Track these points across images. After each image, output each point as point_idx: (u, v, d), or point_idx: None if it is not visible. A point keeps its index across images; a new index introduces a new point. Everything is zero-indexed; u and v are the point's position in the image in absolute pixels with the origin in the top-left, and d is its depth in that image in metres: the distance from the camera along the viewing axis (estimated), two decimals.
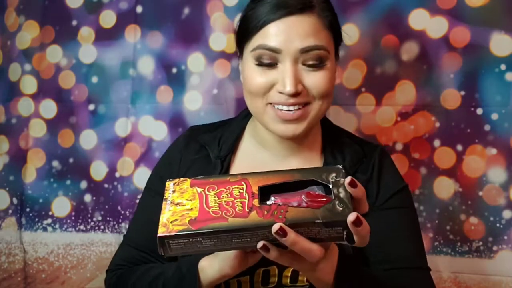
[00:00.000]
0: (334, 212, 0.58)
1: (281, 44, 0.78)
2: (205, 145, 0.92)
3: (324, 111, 0.85)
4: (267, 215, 0.59)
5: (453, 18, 1.17)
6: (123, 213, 1.32)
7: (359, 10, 1.22)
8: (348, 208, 0.58)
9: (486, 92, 1.16)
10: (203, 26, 1.29)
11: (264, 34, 0.80)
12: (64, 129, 1.35)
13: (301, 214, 0.58)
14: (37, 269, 1.35)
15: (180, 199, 0.63)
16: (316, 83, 0.80)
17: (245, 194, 0.62)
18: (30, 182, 1.36)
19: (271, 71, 0.80)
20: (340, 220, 0.58)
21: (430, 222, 1.19)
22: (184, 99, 1.30)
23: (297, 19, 0.79)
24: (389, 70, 1.21)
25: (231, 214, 0.59)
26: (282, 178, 0.64)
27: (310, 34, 0.79)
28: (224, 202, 0.61)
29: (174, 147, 0.98)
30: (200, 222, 0.59)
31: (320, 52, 0.79)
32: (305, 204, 0.60)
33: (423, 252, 0.87)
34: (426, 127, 1.20)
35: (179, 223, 0.59)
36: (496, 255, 1.16)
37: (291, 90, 0.78)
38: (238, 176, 0.65)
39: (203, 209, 0.61)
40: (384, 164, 0.89)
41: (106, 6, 1.33)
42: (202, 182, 0.65)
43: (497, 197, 1.16)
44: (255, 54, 0.81)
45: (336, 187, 0.61)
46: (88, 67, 1.34)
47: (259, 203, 0.60)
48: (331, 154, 0.88)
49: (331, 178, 0.62)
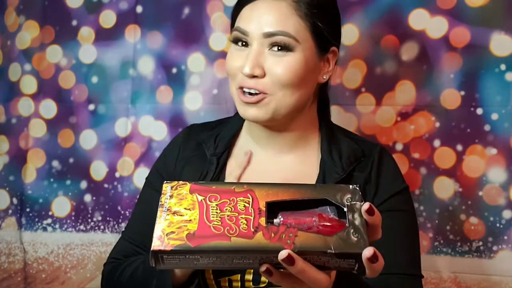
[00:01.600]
0: (348, 243, 0.53)
1: (250, 27, 0.81)
2: (202, 143, 0.92)
3: (292, 104, 0.82)
4: (274, 238, 0.53)
5: (453, 18, 1.17)
6: (123, 213, 1.32)
7: (359, 10, 1.22)
8: (363, 239, 0.54)
9: (486, 92, 1.16)
10: (203, 26, 1.29)
11: (240, 17, 0.83)
12: (64, 129, 1.35)
13: (312, 241, 0.54)
14: (37, 269, 1.35)
15: (178, 207, 0.57)
16: (277, 69, 0.80)
17: (250, 209, 0.56)
18: (30, 182, 1.36)
19: (242, 53, 0.82)
20: (354, 253, 0.53)
21: (430, 222, 1.19)
22: (184, 99, 1.30)
23: (268, 4, 0.81)
24: (389, 70, 1.21)
25: (234, 233, 0.54)
26: (292, 194, 0.58)
27: (277, 20, 0.80)
28: (227, 217, 0.55)
29: (172, 143, 0.99)
30: (199, 238, 0.54)
31: (284, 39, 0.79)
32: (316, 228, 0.56)
33: (418, 259, 0.86)
34: (426, 127, 1.20)
35: (176, 236, 0.54)
36: (496, 255, 1.16)
37: (247, 70, 0.79)
38: (243, 185, 0.59)
39: (203, 223, 0.55)
40: (384, 164, 0.88)
41: (106, 6, 1.33)
42: (203, 188, 0.59)
43: (497, 197, 1.16)
44: (233, 36, 0.84)
45: (351, 211, 0.56)
46: (88, 67, 1.35)
47: (266, 222, 0.55)
48: (328, 151, 0.87)
49: (346, 199, 0.57)
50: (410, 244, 0.86)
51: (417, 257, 0.86)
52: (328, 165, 0.86)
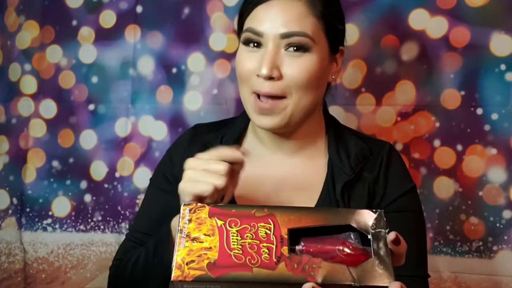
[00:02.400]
0: (373, 275, 0.52)
1: (264, 28, 0.78)
2: (207, 144, 0.92)
3: (305, 107, 0.82)
4: (297, 270, 0.53)
5: (453, 18, 1.17)
6: (123, 213, 1.32)
7: (359, 10, 1.22)
8: (388, 271, 0.53)
9: (486, 92, 1.16)
10: (203, 26, 1.29)
11: (252, 17, 0.81)
12: (64, 129, 1.35)
13: (335, 272, 0.53)
14: (37, 269, 1.35)
15: (197, 232, 0.56)
16: (294, 70, 0.78)
17: (272, 237, 0.55)
18: (30, 182, 1.36)
19: (256, 54, 0.80)
20: (379, 287, 0.53)
21: (430, 222, 1.19)
22: (184, 99, 1.30)
23: (283, 4, 0.79)
24: (389, 70, 1.21)
25: (256, 263, 0.53)
26: (315, 219, 0.57)
27: (293, 20, 0.78)
28: (248, 245, 0.54)
29: (177, 145, 0.98)
30: (220, 268, 0.53)
31: (301, 39, 0.78)
32: (340, 258, 0.55)
33: (425, 259, 0.86)
34: (426, 127, 1.20)
35: (196, 266, 0.53)
36: (496, 255, 1.16)
37: (265, 71, 0.77)
38: (264, 209, 0.57)
39: (224, 251, 0.54)
40: (392, 163, 0.87)
41: (106, 6, 1.33)
42: (222, 212, 0.57)
43: (497, 197, 1.16)
44: (244, 37, 0.82)
45: (376, 240, 0.55)
46: (88, 67, 1.34)
47: (288, 252, 0.54)
48: (335, 151, 0.87)
49: (371, 226, 0.56)
50: (418, 244, 0.85)
51: (425, 257, 0.86)
52: (336, 165, 0.85)
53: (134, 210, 1.31)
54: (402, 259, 0.57)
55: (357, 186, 0.84)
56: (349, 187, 0.84)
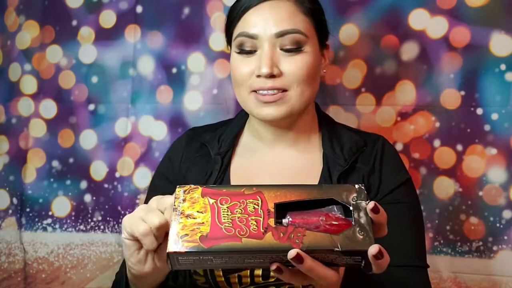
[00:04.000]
0: (354, 241, 0.56)
1: (258, 30, 0.81)
2: (205, 143, 0.93)
3: (306, 98, 0.85)
4: (283, 238, 0.56)
5: (453, 18, 1.17)
6: (123, 213, 1.32)
7: (359, 10, 1.22)
8: (369, 237, 0.56)
9: (486, 92, 1.16)
10: (203, 26, 1.29)
11: (244, 22, 0.83)
12: (64, 129, 1.35)
13: (319, 240, 0.56)
14: (37, 269, 1.35)
15: (191, 210, 0.59)
16: (293, 67, 0.81)
17: (260, 211, 0.58)
18: (30, 182, 1.36)
19: (251, 58, 0.83)
20: (360, 250, 0.55)
21: (430, 222, 1.19)
22: (184, 99, 1.30)
23: (272, 4, 0.82)
24: (389, 70, 1.21)
25: (245, 234, 0.56)
26: (299, 194, 0.60)
27: (285, 19, 0.81)
28: (238, 219, 0.58)
29: (176, 145, 1.00)
30: (212, 240, 0.56)
31: (296, 36, 0.81)
32: (324, 227, 0.58)
33: (424, 249, 0.87)
34: (426, 127, 1.20)
35: (190, 239, 0.57)
36: (496, 255, 1.16)
37: (266, 70, 0.80)
38: (253, 188, 0.61)
39: (215, 225, 0.58)
40: (386, 155, 0.89)
41: (106, 6, 1.33)
42: (214, 192, 0.61)
43: (497, 197, 1.16)
44: (237, 42, 0.84)
45: (356, 210, 0.58)
46: (88, 67, 1.34)
47: (275, 223, 0.57)
48: (329, 145, 0.89)
49: (352, 199, 0.59)
50: (416, 235, 0.86)
51: (423, 248, 0.87)
52: (330, 158, 0.87)
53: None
54: (384, 228, 0.60)
55: (351, 177, 0.86)
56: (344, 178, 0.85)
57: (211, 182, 0.88)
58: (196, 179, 0.90)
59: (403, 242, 0.82)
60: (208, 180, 0.89)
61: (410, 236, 0.85)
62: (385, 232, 0.60)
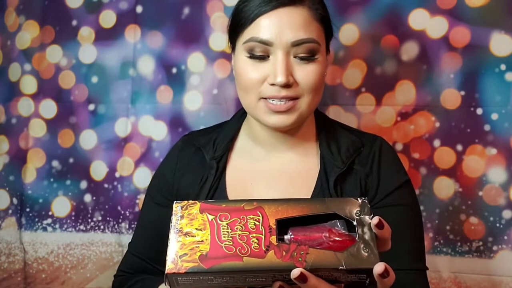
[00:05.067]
0: (359, 259, 0.54)
1: (273, 37, 0.79)
2: (200, 147, 0.92)
3: (314, 105, 0.85)
4: (285, 257, 0.54)
5: (453, 18, 1.17)
6: (123, 213, 1.32)
7: (359, 10, 1.22)
8: (373, 254, 0.55)
9: (486, 92, 1.16)
10: (203, 26, 1.29)
11: (255, 27, 0.80)
12: (64, 129, 1.35)
13: (323, 258, 0.54)
14: (37, 269, 1.35)
15: (189, 227, 0.57)
16: (307, 76, 0.80)
17: (261, 228, 0.57)
18: (30, 182, 1.36)
19: (263, 64, 0.81)
20: (365, 268, 0.54)
21: (430, 222, 1.19)
22: (184, 99, 1.30)
23: (288, 11, 0.79)
24: (389, 70, 1.21)
25: (246, 252, 0.55)
26: (301, 209, 0.58)
27: (301, 27, 0.79)
28: (238, 236, 0.56)
29: (169, 156, 0.99)
30: (212, 259, 0.54)
31: (311, 45, 0.80)
32: (327, 244, 0.56)
33: (423, 253, 0.86)
34: (426, 127, 1.20)
35: (189, 258, 0.55)
36: (496, 255, 1.16)
37: (282, 80, 0.78)
38: (253, 203, 0.59)
39: (215, 243, 0.56)
40: (385, 157, 0.88)
41: (106, 6, 1.33)
42: (213, 207, 0.59)
43: (497, 197, 1.16)
44: (247, 47, 0.81)
45: (360, 225, 0.57)
46: (88, 67, 1.34)
47: (276, 240, 0.56)
48: (326, 146, 0.88)
49: (355, 213, 0.58)
50: (415, 238, 0.86)
51: (422, 250, 0.87)
52: (327, 160, 0.86)
53: (134, 210, 1.31)
54: (388, 243, 0.59)
55: (348, 179, 0.85)
56: (342, 180, 0.85)
57: (207, 187, 0.87)
58: (192, 185, 0.90)
59: (403, 245, 0.81)
60: (203, 185, 0.88)
61: (409, 239, 0.84)
62: (388, 246, 0.59)
